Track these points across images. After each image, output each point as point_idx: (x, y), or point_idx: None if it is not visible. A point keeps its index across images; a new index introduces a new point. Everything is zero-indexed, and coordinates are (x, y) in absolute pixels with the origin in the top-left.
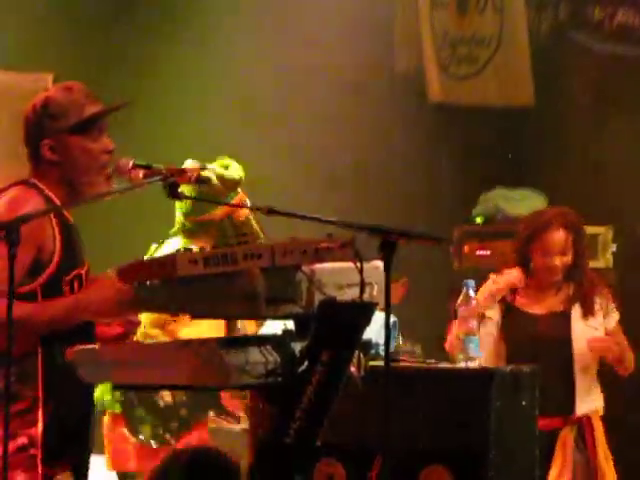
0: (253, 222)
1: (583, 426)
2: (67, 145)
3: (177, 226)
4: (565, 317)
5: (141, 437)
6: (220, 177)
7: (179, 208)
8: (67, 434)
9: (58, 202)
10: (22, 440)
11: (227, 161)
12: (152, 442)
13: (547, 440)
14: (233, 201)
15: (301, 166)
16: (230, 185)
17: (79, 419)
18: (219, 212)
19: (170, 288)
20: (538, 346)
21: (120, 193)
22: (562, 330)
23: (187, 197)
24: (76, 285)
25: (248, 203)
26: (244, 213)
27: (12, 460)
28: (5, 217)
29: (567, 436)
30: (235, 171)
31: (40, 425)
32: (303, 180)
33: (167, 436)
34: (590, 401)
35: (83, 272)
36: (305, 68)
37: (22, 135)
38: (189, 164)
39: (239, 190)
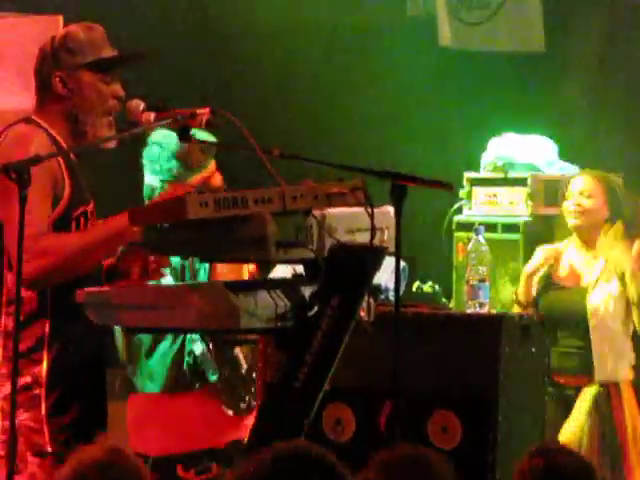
0: (225, 189)
1: (609, 391)
2: (79, 81)
3: (148, 192)
4: (577, 284)
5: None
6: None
7: (153, 172)
8: (73, 376)
9: (60, 139)
10: (25, 379)
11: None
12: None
13: (571, 395)
14: (209, 167)
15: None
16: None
17: (87, 361)
18: (197, 178)
19: (180, 231)
20: (552, 312)
21: (131, 136)
22: (572, 300)
23: (197, 141)
24: (82, 221)
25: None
26: (219, 179)
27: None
28: (13, 157)
29: (587, 393)
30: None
31: (45, 365)
32: (311, 124)
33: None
34: (614, 373)
35: (89, 209)
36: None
37: (35, 66)
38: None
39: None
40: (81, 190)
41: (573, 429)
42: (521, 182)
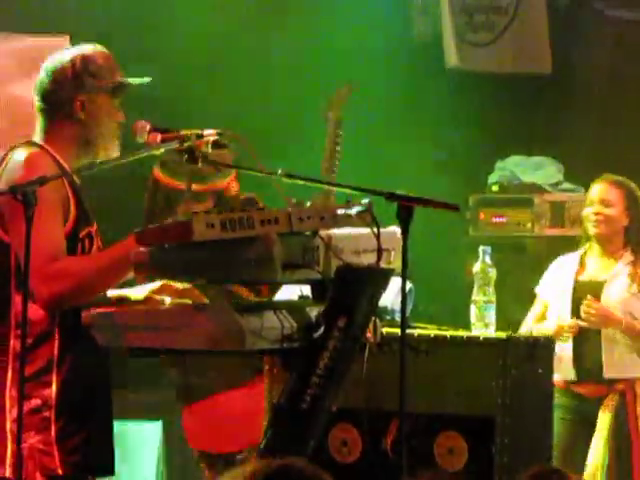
0: (241, 197)
1: (625, 394)
2: (98, 105)
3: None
4: (600, 284)
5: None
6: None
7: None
8: (82, 397)
9: (63, 162)
10: (36, 402)
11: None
12: None
13: (592, 408)
14: (230, 177)
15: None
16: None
17: (95, 382)
18: (221, 182)
19: (186, 252)
20: (575, 313)
21: (138, 156)
22: (593, 295)
23: (206, 161)
24: (87, 243)
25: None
26: (236, 187)
27: (25, 422)
28: (19, 180)
29: (608, 404)
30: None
31: (54, 387)
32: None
33: None
34: (625, 368)
35: (93, 230)
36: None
37: (48, 88)
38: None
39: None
40: (85, 211)
41: (597, 451)
42: (527, 203)
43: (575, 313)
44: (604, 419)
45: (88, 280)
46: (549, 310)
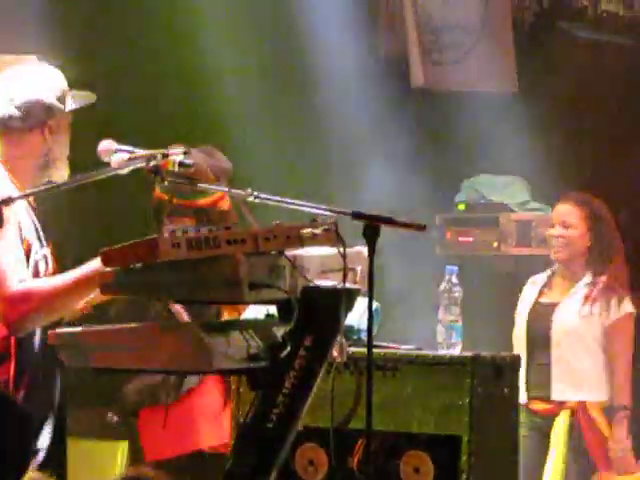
0: (233, 213)
1: (577, 415)
2: (62, 127)
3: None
4: (554, 306)
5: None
6: (210, 165)
7: (163, 188)
8: (39, 417)
9: (19, 184)
10: None
11: (211, 149)
12: None
13: (549, 425)
14: (215, 196)
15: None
16: (220, 174)
17: (52, 401)
18: (204, 200)
19: (152, 272)
20: (528, 333)
21: (103, 176)
22: (544, 319)
23: (170, 180)
24: (43, 265)
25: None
26: (227, 204)
27: None
28: None
29: (559, 424)
30: (224, 160)
31: None
32: (287, 167)
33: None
34: (574, 391)
35: (47, 253)
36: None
37: (13, 114)
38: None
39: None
40: (39, 233)
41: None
42: (493, 222)
43: (529, 335)
44: (556, 437)
45: (55, 301)
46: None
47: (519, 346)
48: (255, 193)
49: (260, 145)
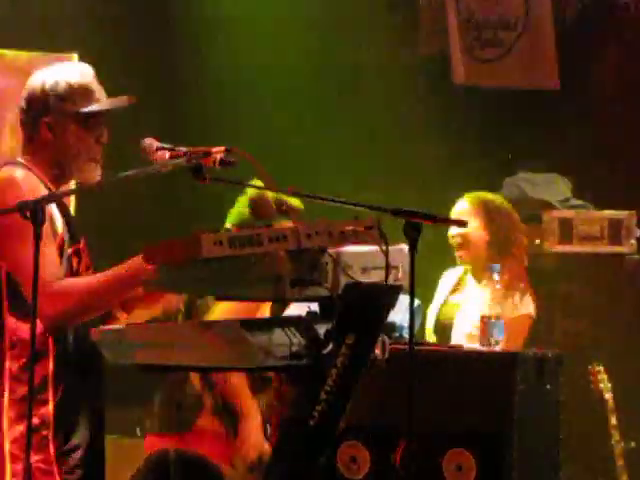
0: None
1: None
2: (65, 129)
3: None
4: (457, 305)
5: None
6: (279, 199)
7: (229, 215)
8: (77, 415)
9: (47, 182)
10: (33, 421)
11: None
12: None
13: None
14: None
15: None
16: (286, 210)
17: (89, 401)
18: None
19: (194, 269)
20: (435, 330)
21: (145, 175)
22: (449, 318)
23: (214, 179)
24: (75, 260)
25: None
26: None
27: (24, 442)
28: (7, 199)
29: None
30: (296, 200)
31: (51, 405)
32: (327, 163)
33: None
34: None
35: (80, 247)
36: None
37: (22, 106)
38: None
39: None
40: (71, 229)
41: None
42: (535, 219)
43: (435, 332)
44: None
45: (92, 298)
46: None
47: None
48: (296, 190)
49: (306, 144)
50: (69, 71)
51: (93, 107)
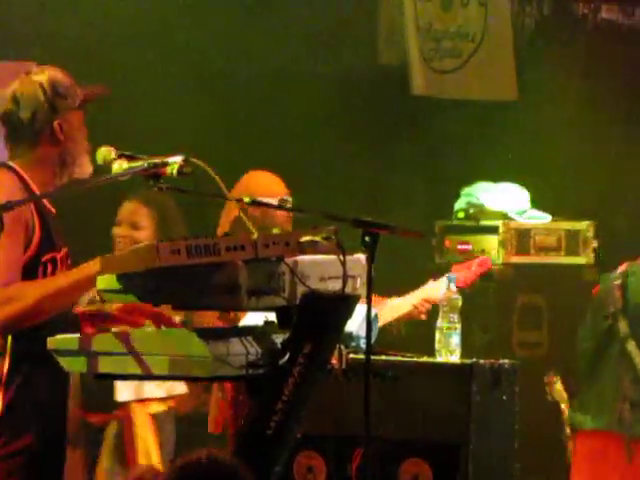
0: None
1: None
2: (72, 124)
3: None
4: None
5: None
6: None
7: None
8: (30, 417)
9: (33, 184)
10: None
11: None
12: None
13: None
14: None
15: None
16: (275, 223)
17: (46, 404)
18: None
19: (151, 278)
20: None
21: (103, 182)
22: None
23: (170, 188)
24: (50, 268)
25: None
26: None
27: None
28: None
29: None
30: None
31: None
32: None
33: None
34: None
35: (58, 256)
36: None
37: (22, 117)
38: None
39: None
40: (51, 236)
41: None
42: (493, 230)
43: None
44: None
45: (39, 304)
46: None
47: None
48: (253, 200)
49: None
50: (52, 72)
51: (88, 94)
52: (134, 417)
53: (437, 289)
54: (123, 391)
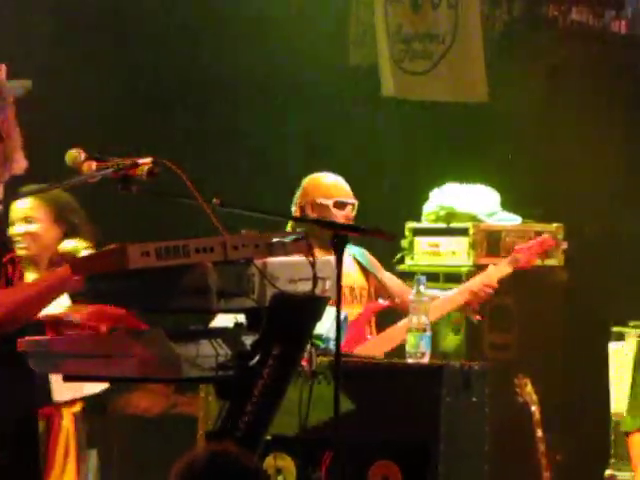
0: None
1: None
2: (10, 120)
3: None
4: None
5: None
6: None
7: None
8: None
9: None
10: None
11: None
12: None
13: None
14: None
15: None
16: None
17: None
18: None
19: (121, 280)
20: None
21: (73, 185)
22: None
23: (140, 191)
24: (10, 269)
25: None
26: None
27: None
28: None
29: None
30: None
31: None
32: (255, 177)
33: None
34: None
35: (15, 256)
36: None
37: None
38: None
39: None
40: (6, 236)
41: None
42: (463, 232)
43: None
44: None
45: (14, 308)
46: None
47: None
48: (222, 202)
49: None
50: None
51: (20, 89)
52: (62, 416)
53: (497, 271)
54: (63, 390)
